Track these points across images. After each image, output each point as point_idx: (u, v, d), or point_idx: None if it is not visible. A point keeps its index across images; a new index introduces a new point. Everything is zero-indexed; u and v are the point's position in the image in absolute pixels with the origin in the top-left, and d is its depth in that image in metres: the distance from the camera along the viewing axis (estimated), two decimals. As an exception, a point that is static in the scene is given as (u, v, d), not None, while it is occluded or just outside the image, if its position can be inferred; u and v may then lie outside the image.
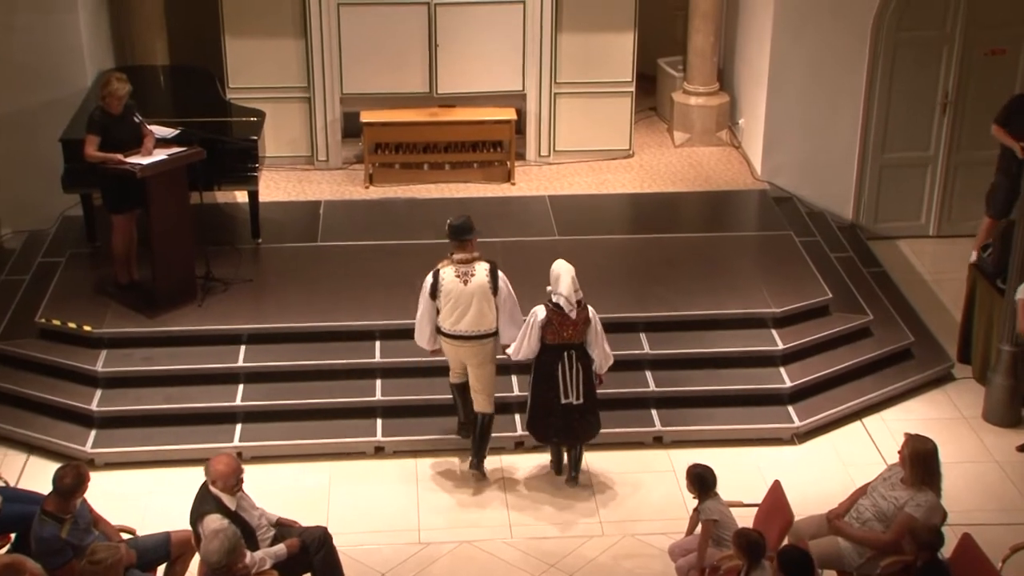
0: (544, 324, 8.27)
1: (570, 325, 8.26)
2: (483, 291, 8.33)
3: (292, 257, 10.45)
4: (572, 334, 8.29)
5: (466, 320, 8.41)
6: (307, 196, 11.63)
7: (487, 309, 8.40)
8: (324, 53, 11.79)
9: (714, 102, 12.68)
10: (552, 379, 8.34)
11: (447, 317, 8.42)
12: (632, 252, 10.58)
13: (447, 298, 8.40)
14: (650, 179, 12.06)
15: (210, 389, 9.15)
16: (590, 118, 12.25)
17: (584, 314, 8.32)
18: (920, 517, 7.14)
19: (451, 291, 8.37)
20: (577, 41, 11.98)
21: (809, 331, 9.75)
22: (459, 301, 8.38)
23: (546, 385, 8.36)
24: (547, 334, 8.28)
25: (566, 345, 8.28)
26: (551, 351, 8.30)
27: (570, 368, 8.32)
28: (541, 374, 8.38)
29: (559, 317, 8.26)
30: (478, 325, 8.43)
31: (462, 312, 8.40)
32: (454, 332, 8.43)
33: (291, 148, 12.13)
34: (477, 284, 8.33)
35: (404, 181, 11.91)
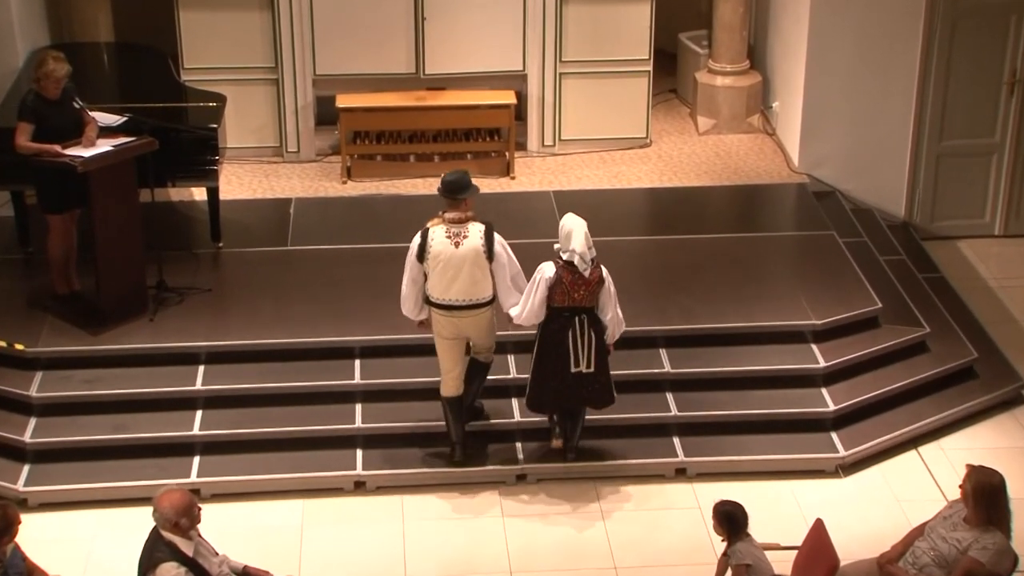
0: (553, 283, 8.42)
1: (582, 285, 8.39)
2: (476, 255, 8.41)
3: (258, 263, 10.45)
4: (584, 296, 8.42)
5: (457, 287, 8.49)
6: (275, 193, 11.63)
7: (480, 275, 8.50)
8: (294, 28, 11.80)
9: (744, 83, 12.69)
10: (562, 347, 8.45)
11: (436, 283, 8.54)
12: (650, 256, 10.58)
13: (436, 261, 8.47)
14: (670, 172, 12.06)
15: (163, 416, 9.13)
16: (601, 102, 12.26)
17: (597, 273, 8.45)
18: (987, 562, 7.11)
19: (440, 254, 8.46)
20: (586, 13, 11.99)
21: (855, 346, 9.74)
22: (449, 265, 8.46)
23: (555, 353, 8.49)
24: (556, 295, 8.40)
25: (576, 309, 8.42)
26: (560, 316, 8.44)
27: (581, 335, 8.45)
28: (549, 342, 8.49)
29: (571, 276, 8.39)
30: (471, 293, 8.51)
31: (452, 277, 8.48)
32: (445, 301, 8.52)
33: (256, 138, 12.13)
34: (470, 247, 8.42)
35: (387, 175, 11.91)
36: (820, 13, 11.50)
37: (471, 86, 12.00)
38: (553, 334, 8.52)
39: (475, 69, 12.03)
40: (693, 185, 11.80)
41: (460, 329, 8.66)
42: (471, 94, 11.96)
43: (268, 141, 12.16)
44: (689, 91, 13.17)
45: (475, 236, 8.49)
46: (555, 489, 8.96)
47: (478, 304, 8.59)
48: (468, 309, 8.58)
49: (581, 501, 8.89)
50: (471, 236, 8.48)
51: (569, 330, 8.47)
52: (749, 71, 12.79)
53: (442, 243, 8.47)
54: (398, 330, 9.46)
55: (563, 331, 8.48)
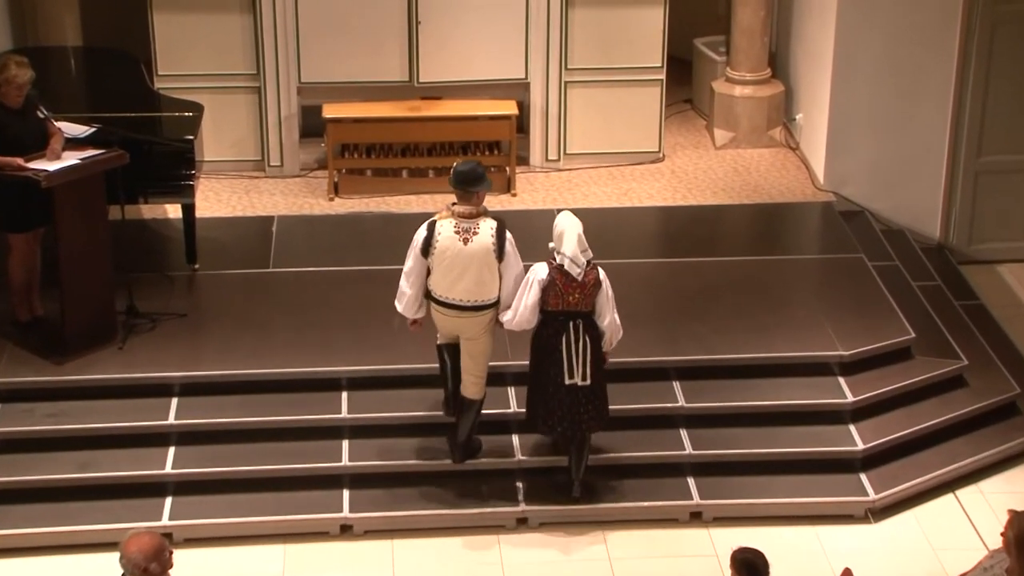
0: (546, 285, 8.49)
1: (576, 288, 8.46)
2: (485, 254, 8.45)
3: (237, 287, 10.44)
4: (578, 299, 8.48)
5: (461, 287, 8.53)
6: (256, 211, 11.63)
7: (488, 276, 8.53)
8: (277, 32, 11.81)
9: (765, 93, 12.71)
10: (555, 354, 8.51)
11: (440, 281, 8.58)
12: (662, 280, 10.57)
13: (441, 257, 8.51)
14: (685, 189, 12.06)
15: (133, 453, 9.10)
16: (610, 113, 12.27)
17: (593, 275, 8.52)
18: (1030, 616, 7.04)
19: (447, 250, 8.50)
20: (593, 17, 12.01)
21: (886, 380, 9.72)
22: (455, 263, 8.49)
23: (548, 361, 8.56)
24: (549, 297, 8.48)
25: (571, 313, 8.48)
26: (553, 320, 8.51)
27: (576, 341, 8.49)
28: (541, 349, 8.57)
29: (563, 278, 8.46)
30: (476, 294, 8.56)
31: (457, 276, 8.52)
32: (446, 300, 8.57)
33: (236, 151, 12.14)
34: (479, 245, 8.45)
35: (378, 192, 11.91)
36: (848, 17, 11.51)
37: (469, 95, 12.01)
38: (546, 340, 8.56)
39: (473, 77, 12.04)
40: (709, 204, 11.79)
41: (458, 329, 8.69)
42: (469, 104, 11.97)
43: (249, 154, 12.17)
44: (705, 102, 13.18)
45: (486, 233, 8.51)
46: (559, 534, 8.91)
47: (482, 306, 8.63)
48: (471, 310, 8.62)
49: (587, 548, 8.83)
50: (482, 233, 8.50)
51: (563, 335, 8.50)
52: (770, 80, 12.81)
53: (450, 238, 8.49)
54: (389, 359, 9.44)
55: (556, 336, 8.52)
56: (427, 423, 9.11)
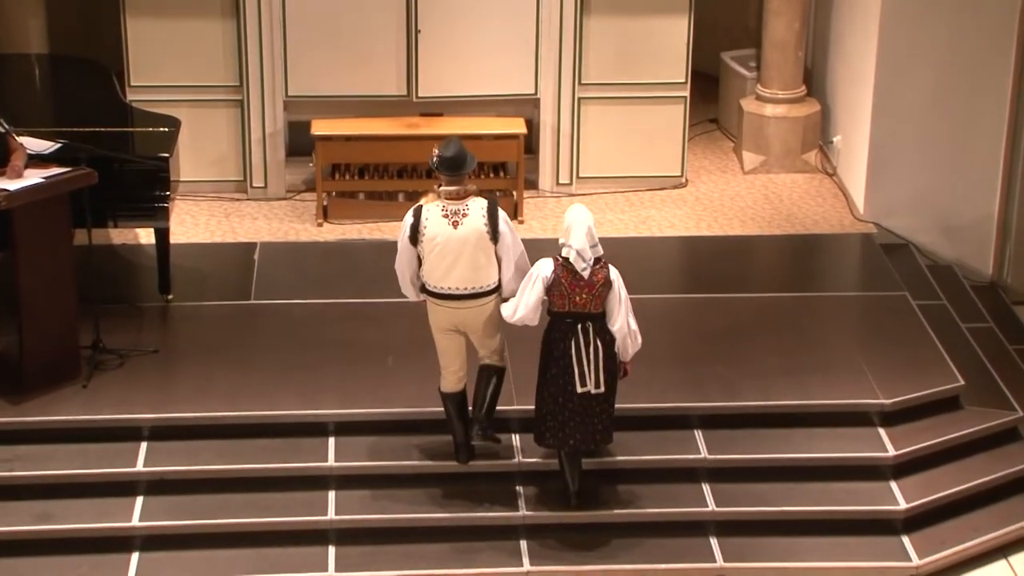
0: (550, 283, 8.55)
1: (584, 288, 8.54)
2: (479, 237, 8.58)
3: (215, 321, 10.43)
4: (586, 300, 8.56)
5: (456, 274, 8.62)
6: (237, 236, 11.64)
7: (484, 260, 8.64)
8: (262, 39, 11.85)
9: (799, 112, 12.73)
10: (564, 359, 8.59)
11: (433, 270, 8.69)
12: (684, 318, 10.56)
13: (431, 244, 8.61)
14: (710, 217, 12.06)
15: (97, 504, 9.07)
16: (628, 133, 12.29)
17: (603, 274, 8.59)
18: None
19: (437, 236, 8.60)
20: (611, 27, 12.04)
21: (932, 432, 9.69)
22: (447, 249, 8.59)
23: (556, 368, 8.65)
24: (554, 298, 8.60)
25: (579, 315, 8.58)
26: (561, 323, 8.62)
27: (586, 345, 8.54)
28: (549, 355, 8.68)
29: (570, 276, 8.54)
30: (473, 280, 8.65)
31: (451, 263, 8.61)
32: (443, 290, 8.70)
33: (216, 170, 12.16)
34: (471, 228, 8.57)
35: (371, 217, 11.91)
36: (892, 30, 11.52)
37: (473, 112, 12.02)
38: (554, 344, 8.65)
39: (478, 92, 12.06)
40: (737, 234, 11.80)
41: (459, 322, 8.77)
42: (473, 121, 11.98)
43: (229, 174, 12.19)
44: (733, 121, 13.20)
45: (476, 214, 8.60)
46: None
47: (481, 293, 8.70)
48: (470, 299, 8.69)
49: (599, 614, 8.81)
50: (472, 215, 8.60)
51: (571, 340, 8.58)
52: (805, 98, 12.82)
53: (438, 224, 8.58)
54: (382, 402, 9.42)
55: (564, 340, 8.61)
56: (423, 473, 9.08)
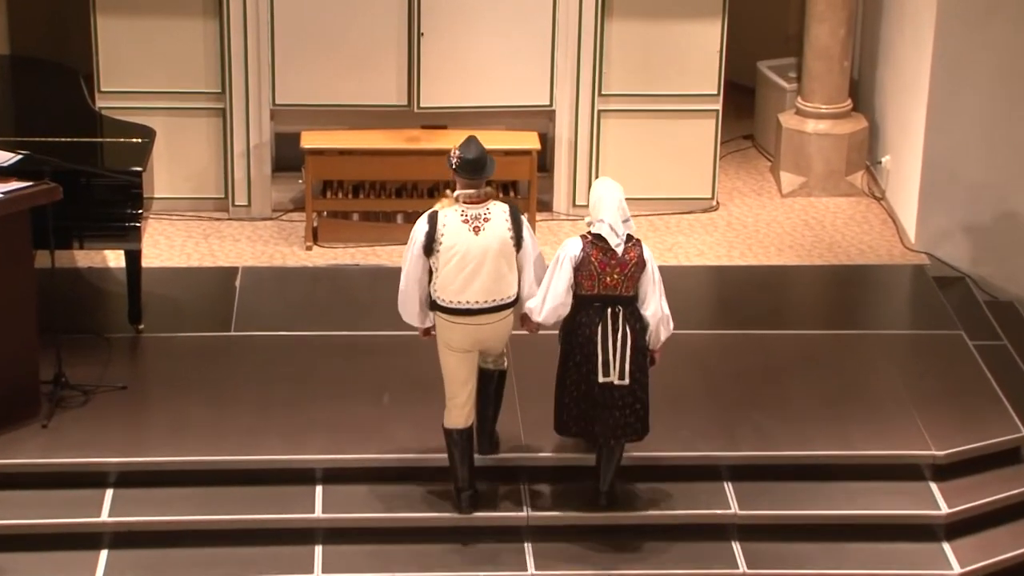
0: (579, 262, 8.62)
1: (615, 267, 8.66)
2: (502, 244, 8.68)
3: (191, 354, 10.43)
4: (618, 281, 8.68)
5: (477, 286, 8.67)
6: (217, 260, 11.65)
7: (506, 269, 8.71)
8: (247, 42, 11.88)
9: (844, 128, 12.74)
10: (588, 346, 8.70)
11: (449, 283, 8.71)
12: (714, 357, 10.56)
13: (449, 254, 8.65)
14: (744, 245, 12.07)
15: (57, 558, 9.04)
16: (653, 150, 12.31)
17: (636, 252, 8.73)
18: None
19: (456, 244, 8.64)
20: (635, 33, 12.07)
21: (989, 488, 9.65)
22: (467, 258, 8.63)
23: (580, 355, 8.76)
24: (582, 280, 8.70)
25: (609, 298, 8.69)
26: (587, 307, 8.72)
27: (614, 331, 8.66)
28: (573, 341, 8.78)
29: (601, 254, 8.66)
30: (494, 292, 8.72)
31: (471, 274, 8.65)
32: (460, 305, 8.73)
33: (194, 186, 12.19)
34: (494, 235, 8.67)
35: (366, 240, 11.93)
36: (948, 36, 11.50)
37: (480, 125, 12.01)
38: (579, 329, 8.75)
39: (486, 103, 12.06)
40: (774, 264, 11.80)
41: (477, 340, 8.81)
42: (480, 135, 11.86)
43: (209, 191, 12.22)
44: (771, 138, 13.22)
45: (499, 219, 8.68)
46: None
47: (502, 306, 8.78)
48: (490, 313, 8.74)
49: None
50: (495, 219, 8.67)
51: (599, 324, 8.69)
52: (851, 113, 12.84)
53: (458, 231, 8.62)
54: (375, 447, 9.40)
55: (591, 325, 8.71)
56: (421, 527, 9.06)
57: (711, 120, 12.27)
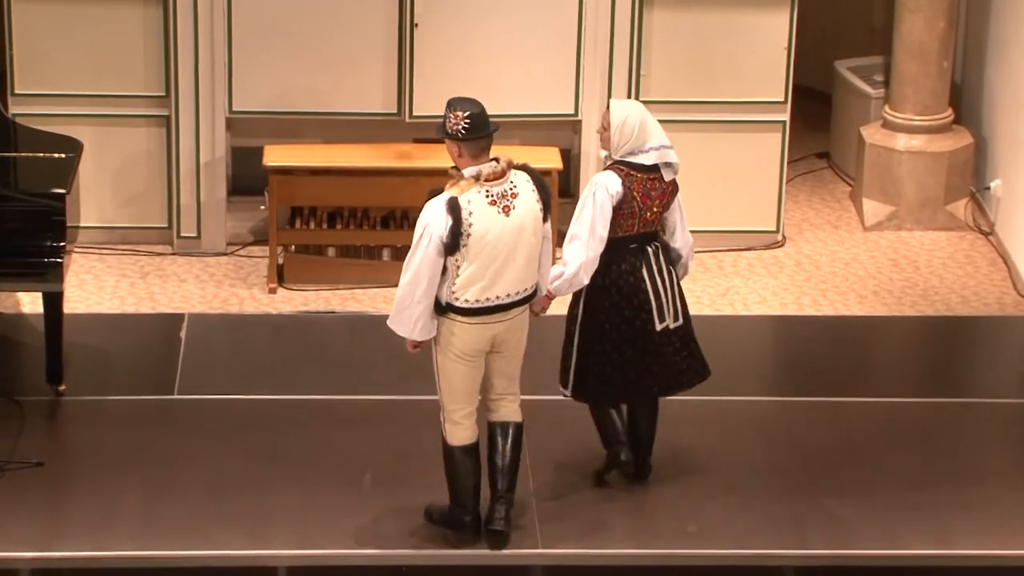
0: (621, 200, 9.10)
1: (656, 199, 9.27)
2: (535, 223, 8.98)
3: (125, 422, 10.41)
4: (656, 215, 9.33)
5: (509, 276, 8.89)
6: (157, 305, 11.67)
7: (537, 249, 9.05)
8: (198, 35, 11.94)
9: (943, 145, 12.77)
10: (639, 295, 9.25)
11: (476, 280, 8.88)
12: (777, 429, 10.56)
13: (480, 246, 8.78)
14: (816, 290, 12.09)
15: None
16: (703, 171, 12.32)
17: (670, 177, 9.36)
18: None
19: (488, 231, 8.79)
20: (682, 26, 12.13)
21: None
22: (499, 246, 8.81)
23: (629, 308, 9.29)
24: (621, 219, 9.22)
25: (646, 236, 9.35)
26: (624, 251, 9.28)
27: (659, 271, 9.34)
28: (610, 296, 9.28)
29: (642, 187, 9.21)
30: (525, 281, 9.01)
31: (503, 264, 8.84)
32: (486, 303, 8.92)
33: (131, 214, 12.24)
34: (526, 210, 8.92)
35: (344, 280, 11.96)
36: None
37: (489, 138, 12.06)
38: (621, 279, 9.23)
39: (495, 111, 11.89)
40: (854, 314, 11.81)
41: (495, 340, 8.97)
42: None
43: (150, 219, 12.27)
44: (851, 157, 13.25)
45: (527, 192, 8.91)
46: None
47: (528, 295, 9.10)
48: (516, 306, 8.96)
49: None
50: (522, 193, 8.90)
51: (643, 267, 9.18)
52: (952, 127, 12.87)
53: (487, 216, 8.77)
54: (352, 540, 9.39)
55: (634, 271, 9.22)
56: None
57: (776, 134, 12.32)
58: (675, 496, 9.66)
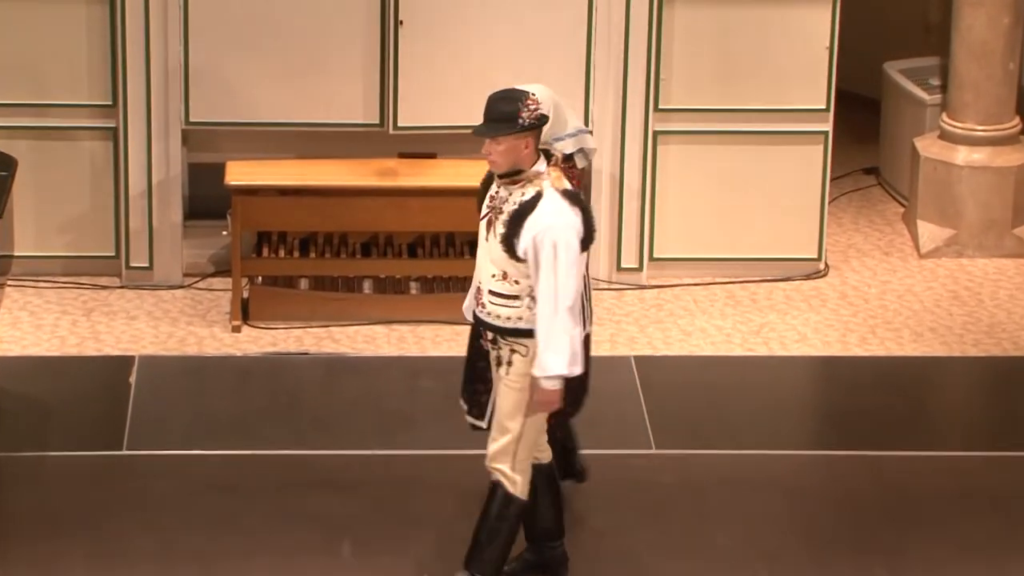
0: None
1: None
2: None
3: (65, 482, 10.39)
4: None
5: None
6: (103, 346, 11.67)
7: None
8: (150, 35, 11.95)
9: (1010, 160, 12.79)
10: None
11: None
12: (821, 486, 10.55)
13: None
14: (864, 327, 12.10)
15: None
16: (732, 190, 12.37)
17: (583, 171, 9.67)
18: None
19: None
20: (707, 22, 12.17)
21: None
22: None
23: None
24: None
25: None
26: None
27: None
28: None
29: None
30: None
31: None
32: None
33: (72, 240, 12.25)
34: None
35: (319, 317, 11.96)
36: None
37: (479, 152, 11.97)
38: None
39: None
40: (907, 355, 11.82)
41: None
42: (481, 168, 11.92)
43: (94, 247, 12.28)
44: (903, 173, 13.27)
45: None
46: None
47: None
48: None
49: None
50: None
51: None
52: (1020, 138, 12.88)
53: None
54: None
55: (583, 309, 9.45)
56: None
57: (817, 147, 12.33)
58: (702, 569, 9.67)
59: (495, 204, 8.89)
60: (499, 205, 8.85)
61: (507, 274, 8.80)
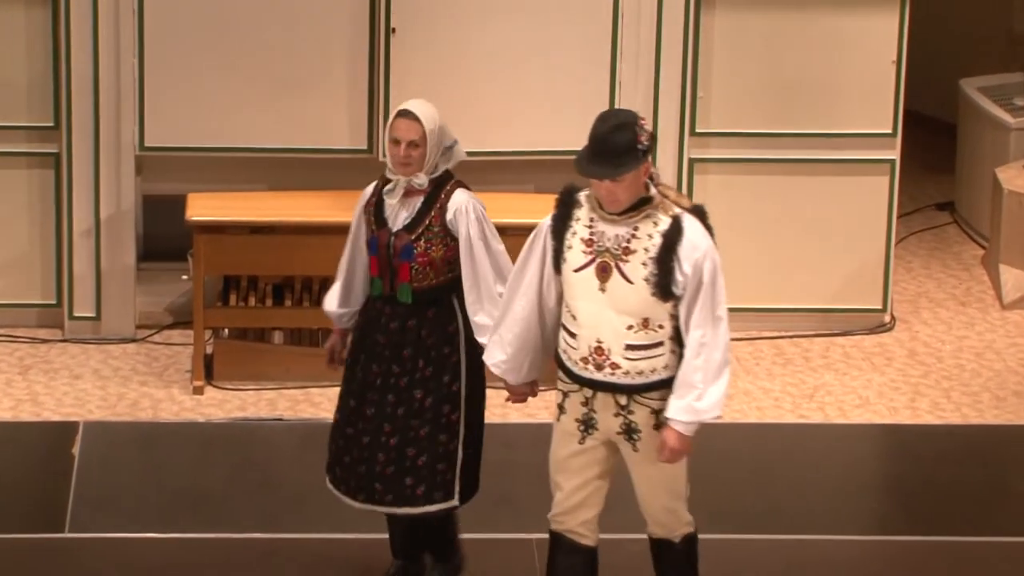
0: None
1: None
2: None
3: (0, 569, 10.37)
4: None
5: None
6: (43, 411, 11.69)
7: None
8: (99, 47, 11.96)
9: (1110, 195, 12.74)
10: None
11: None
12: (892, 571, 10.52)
13: None
14: (937, 390, 12.10)
15: None
16: (782, 228, 12.41)
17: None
18: None
19: None
20: (753, 34, 12.20)
21: None
22: None
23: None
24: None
25: None
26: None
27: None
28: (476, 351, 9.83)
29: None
30: None
31: None
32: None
33: (7, 287, 12.29)
34: None
35: (294, 376, 11.99)
36: None
37: (492, 184, 11.95)
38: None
39: (500, 147, 12.12)
40: (988, 422, 11.81)
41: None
42: (492, 201, 11.88)
43: (31, 293, 12.32)
44: (983, 209, 13.30)
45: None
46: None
47: None
48: None
49: None
50: None
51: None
52: (1122, 169, 12.86)
53: None
54: None
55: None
56: None
57: (883, 178, 12.33)
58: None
59: (606, 246, 8.86)
60: (620, 245, 8.82)
61: (648, 320, 8.80)
